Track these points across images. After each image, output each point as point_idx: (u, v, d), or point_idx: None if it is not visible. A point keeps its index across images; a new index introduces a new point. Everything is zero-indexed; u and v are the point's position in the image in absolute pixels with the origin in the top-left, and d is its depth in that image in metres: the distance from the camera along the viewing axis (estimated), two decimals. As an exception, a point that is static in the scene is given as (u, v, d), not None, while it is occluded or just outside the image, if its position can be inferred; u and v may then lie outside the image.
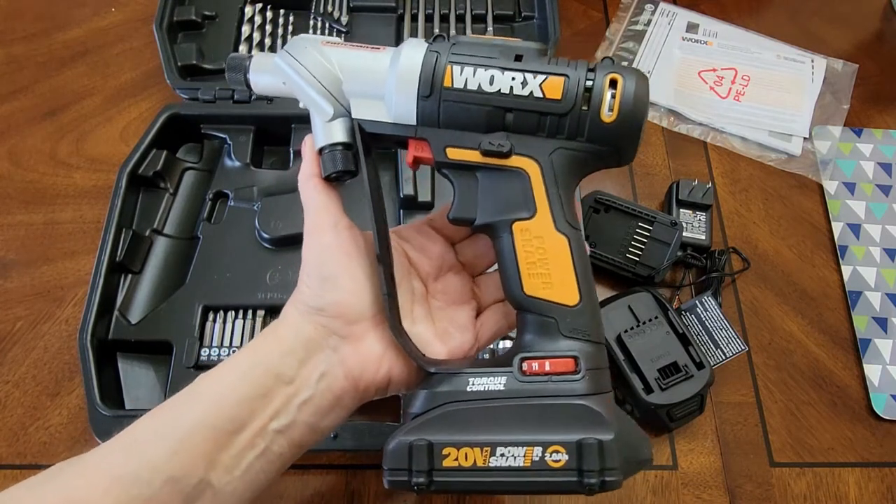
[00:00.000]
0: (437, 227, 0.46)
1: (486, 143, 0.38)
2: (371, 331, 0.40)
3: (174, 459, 0.35)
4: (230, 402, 0.37)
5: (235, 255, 0.63)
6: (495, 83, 0.38)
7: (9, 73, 0.75)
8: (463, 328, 0.43)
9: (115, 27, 0.79)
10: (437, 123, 0.39)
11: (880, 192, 0.73)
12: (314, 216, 0.40)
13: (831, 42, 0.83)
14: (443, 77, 0.38)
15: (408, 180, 0.65)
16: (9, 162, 0.70)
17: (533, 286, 0.39)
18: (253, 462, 0.37)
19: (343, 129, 0.40)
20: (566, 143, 0.38)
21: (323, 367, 0.39)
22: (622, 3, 0.85)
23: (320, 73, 0.39)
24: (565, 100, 0.37)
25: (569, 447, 0.36)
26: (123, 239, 0.61)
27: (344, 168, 0.40)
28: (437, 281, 0.45)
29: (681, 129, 0.76)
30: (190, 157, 0.69)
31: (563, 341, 0.38)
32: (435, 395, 0.38)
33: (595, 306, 0.40)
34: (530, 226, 0.39)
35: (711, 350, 0.61)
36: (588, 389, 0.37)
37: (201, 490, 0.36)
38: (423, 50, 0.38)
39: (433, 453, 0.36)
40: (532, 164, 0.38)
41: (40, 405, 0.59)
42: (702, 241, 0.67)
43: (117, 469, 0.35)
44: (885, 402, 0.62)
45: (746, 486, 0.58)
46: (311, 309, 0.39)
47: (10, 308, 0.63)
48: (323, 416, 0.39)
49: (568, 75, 0.38)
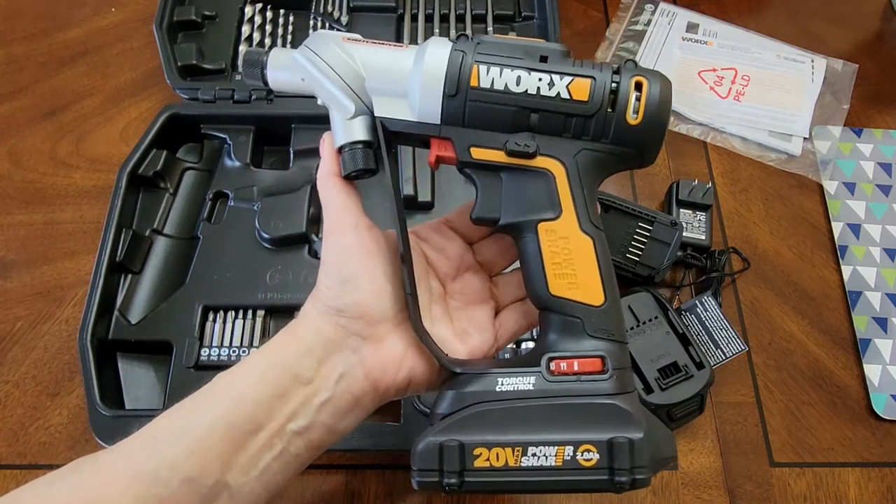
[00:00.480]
0: (455, 226, 0.46)
1: (513, 143, 0.38)
2: (392, 331, 0.40)
3: (192, 459, 0.35)
4: (248, 402, 0.37)
5: (235, 255, 0.63)
6: (522, 84, 0.38)
7: (9, 73, 0.75)
8: (482, 328, 0.43)
9: (115, 27, 0.79)
10: (462, 123, 0.38)
11: (880, 192, 0.73)
12: (334, 216, 0.40)
13: (831, 42, 0.83)
14: (469, 76, 0.38)
15: (408, 180, 0.65)
16: (9, 162, 0.70)
17: (559, 286, 0.39)
18: (270, 463, 0.37)
19: (364, 126, 0.39)
20: (591, 145, 0.38)
21: (342, 367, 0.39)
22: (622, 3, 0.85)
23: (342, 70, 0.39)
24: (592, 101, 0.37)
25: (600, 446, 0.36)
26: (123, 239, 0.61)
27: (365, 167, 0.39)
28: (454, 281, 0.45)
29: (681, 129, 0.76)
30: (190, 157, 0.69)
31: (589, 341, 0.38)
32: (464, 395, 0.38)
33: (618, 306, 0.39)
34: (556, 226, 0.39)
35: (711, 350, 0.61)
36: (616, 389, 0.37)
37: (218, 491, 0.35)
38: (449, 49, 0.38)
39: (464, 453, 0.36)
40: (557, 165, 0.38)
41: (40, 405, 0.59)
42: (702, 241, 0.67)
43: (136, 467, 0.35)
44: (885, 402, 0.62)
45: (746, 486, 0.58)
46: (331, 309, 0.39)
47: (10, 308, 0.63)
48: (341, 417, 0.39)
49: (594, 77, 0.38)
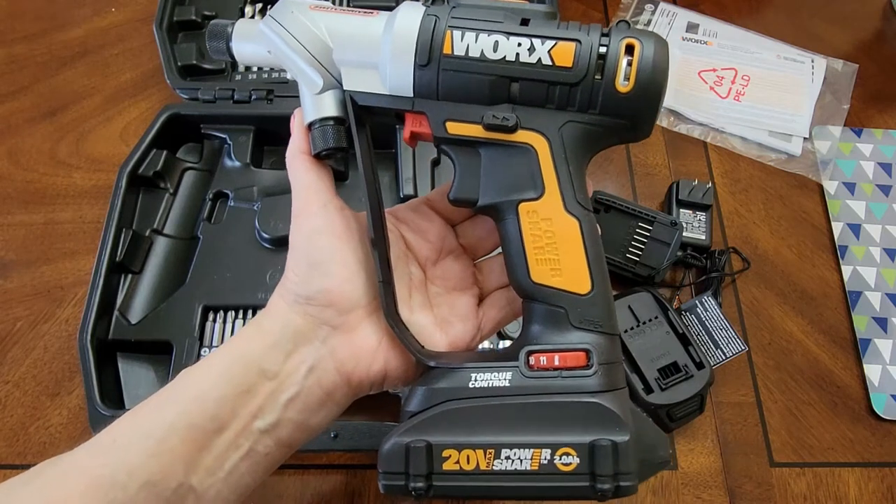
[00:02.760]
0: (437, 207, 0.43)
1: (490, 116, 0.35)
2: (364, 320, 0.37)
3: (151, 462, 0.33)
4: (210, 400, 0.34)
5: (235, 255, 0.63)
6: (500, 49, 0.34)
7: (9, 73, 0.75)
8: (464, 317, 0.41)
9: (115, 27, 0.79)
10: (437, 95, 0.35)
11: (880, 192, 0.73)
12: (302, 196, 0.37)
13: (831, 42, 0.83)
14: (442, 43, 0.35)
15: (408, 180, 0.65)
16: (9, 162, 0.70)
17: (541, 273, 0.36)
18: (237, 463, 0.35)
19: (334, 101, 0.37)
20: (577, 116, 0.35)
21: (311, 360, 0.36)
22: (622, 4, 0.85)
23: (307, 41, 0.36)
24: (577, 68, 0.34)
25: (580, 449, 0.33)
26: (123, 239, 0.61)
27: (336, 145, 0.37)
28: (435, 266, 0.42)
29: (681, 129, 0.76)
30: (190, 157, 0.69)
31: (574, 333, 0.35)
32: (434, 391, 0.35)
33: (608, 294, 0.36)
34: (538, 207, 0.36)
35: (711, 350, 0.61)
36: (601, 386, 0.34)
37: (182, 494, 0.33)
38: (421, 14, 0.35)
39: (432, 455, 0.34)
40: (540, 140, 0.35)
41: (40, 405, 0.59)
42: (702, 241, 0.67)
43: (94, 471, 0.33)
44: (885, 402, 0.62)
45: (746, 486, 0.58)
46: (300, 298, 0.37)
47: (10, 308, 0.63)
48: (312, 413, 0.37)
49: (580, 40, 0.35)
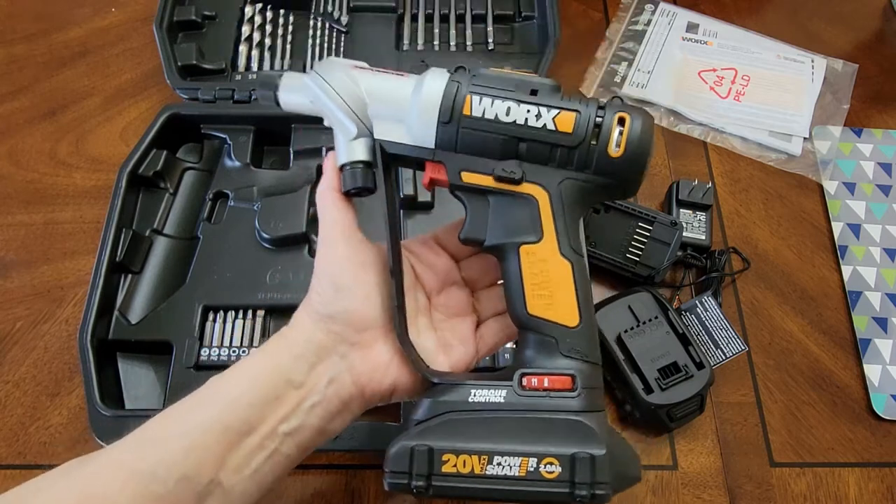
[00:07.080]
0: (443, 243, 0.48)
1: (500, 169, 0.40)
2: (379, 339, 0.42)
3: (188, 458, 0.36)
4: (242, 404, 0.38)
5: (235, 255, 0.63)
6: (511, 114, 0.40)
7: (9, 73, 0.75)
8: (464, 340, 0.45)
9: (115, 27, 0.79)
10: (455, 148, 0.41)
11: (880, 192, 0.73)
12: (329, 228, 0.42)
13: (831, 42, 0.83)
14: (462, 105, 0.40)
15: (408, 180, 0.65)
16: (9, 162, 0.70)
17: (536, 306, 0.41)
18: (262, 463, 0.38)
19: (365, 148, 0.42)
20: (574, 174, 0.40)
21: (332, 372, 0.40)
22: (622, 3, 0.85)
23: (347, 95, 0.41)
24: (576, 133, 0.40)
25: (562, 460, 0.38)
26: (123, 239, 0.61)
27: (363, 185, 0.42)
28: (440, 294, 0.47)
29: (681, 129, 0.76)
30: (190, 157, 0.69)
31: (562, 360, 0.40)
32: (438, 403, 0.40)
33: (593, 330, 0.41)
34: (536, 249, 0.41)
35: (711, 350, 0.61)
36: (583, 406, 0.39)
37: (211, 489, 0.37)
38: (446, 79, 0.41)
39: (433, 459, 0.38)
40: (541, 192, 0.40)
41: (40, 405, 0.59)
42: (702, 241, 0.67)
43: (133, 465, 0.36)
44: (885, 402, 0.62)
45: (746, 486, 0.58)
46: (323, 316, 0.41)
47: (10, 308, 0.63)
48: (331, 419, 0.41)
49: (580, 111, 0.40)
